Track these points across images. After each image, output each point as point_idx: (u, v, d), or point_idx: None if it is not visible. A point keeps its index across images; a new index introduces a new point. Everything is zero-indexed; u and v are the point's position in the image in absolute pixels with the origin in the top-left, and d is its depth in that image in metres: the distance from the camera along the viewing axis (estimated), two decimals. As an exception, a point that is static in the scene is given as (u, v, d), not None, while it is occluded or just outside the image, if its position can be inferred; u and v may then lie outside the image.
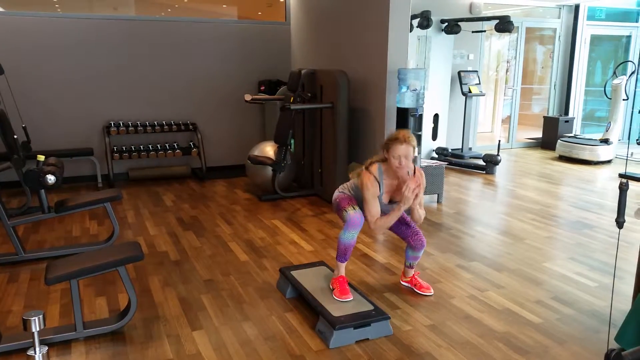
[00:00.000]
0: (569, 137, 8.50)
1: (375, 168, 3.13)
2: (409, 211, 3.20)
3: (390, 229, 3.31)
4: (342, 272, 3.26)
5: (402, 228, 3.37)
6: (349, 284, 3.28)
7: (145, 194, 6.14)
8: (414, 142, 3.05)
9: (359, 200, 3.22)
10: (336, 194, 3.36)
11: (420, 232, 3.38)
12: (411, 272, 3.51)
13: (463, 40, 7.99)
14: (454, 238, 4.59)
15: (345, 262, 3.26)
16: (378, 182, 3.11)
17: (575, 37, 9.18)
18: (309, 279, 3.36)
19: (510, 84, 9.41)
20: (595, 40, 9.67)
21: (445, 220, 5.10)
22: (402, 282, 3.58)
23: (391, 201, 3.21)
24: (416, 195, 3.04)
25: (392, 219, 3.12)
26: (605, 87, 8.29)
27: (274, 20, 7.62)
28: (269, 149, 5.94)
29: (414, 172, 3.10)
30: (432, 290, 3.45)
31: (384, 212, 3.17)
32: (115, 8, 7.38)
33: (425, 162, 5.68)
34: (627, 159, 8.28)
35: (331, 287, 3.23)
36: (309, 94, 5.86)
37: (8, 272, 3.81)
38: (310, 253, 4.21)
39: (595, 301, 3.37)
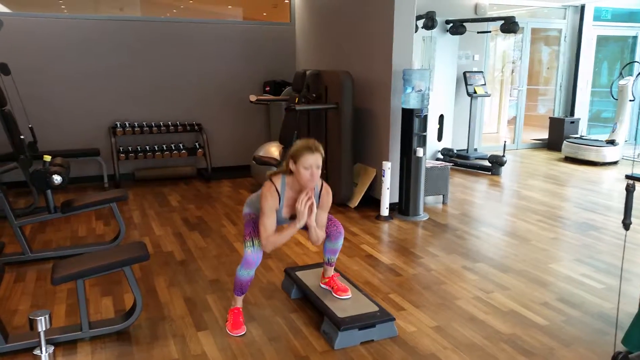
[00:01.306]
0: (575, 138, 8.47)
1: (278, 179, 2.86)
2: (307, 228, 2.90)
3: (305, 227, 2.93)
4: (239, 304, 3.04)
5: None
6: (353, 284, 3.28)
7: (151, 194, 6.16)
8: (322, 151, 2.83)
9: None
10: (244, 209, 3.11)
11: (336, 220, 3.15)
12: (330, 271, 3.25)
13: (468, 40, 7.97)
14: (459, 239, 4.58)
15: (242, 296, 3.01)
16: (279, 194, 2.83)
17: (581, 38, 9.15)
18: (313, 280, 3.36)
19: (516, 84, 9.38)
20: (602, 40, 9.63)
21: (451, 221, 5.09)
22: (320, 285, 3.29)
23: (292, 217, 2.91)
24: (310, 211, 2.79)
25: (285, 236, 2.83)
26: (611, 88, 8.26)
27: (279, 21, 7.62)
28: (274, 150, 5.95)
29: (321, 189, 2.91)
30: (349, 293, 3.14)
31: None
32: (121, 9, 7.41)
33: (430, 163, 5.67)
34: (633, 160, 8.24)
35: (227, 318, 3.05)
36: (314, 95, 5.86)
37: (15, 272, 3.83)
38: (315, 254, 4.21)
39: (602, 303, 3.36)
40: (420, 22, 7.19)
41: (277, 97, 6.77)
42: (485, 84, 8.01)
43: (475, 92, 7.80)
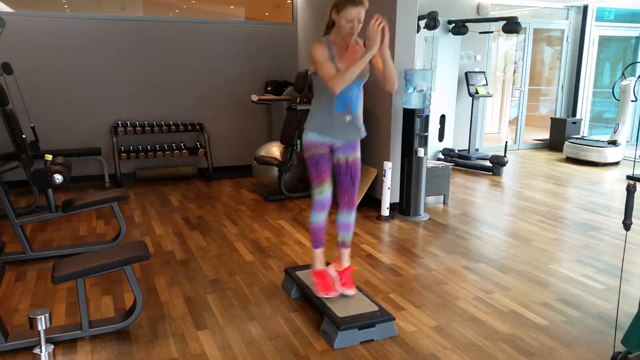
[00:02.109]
0: (577, 138, 8.46)
1: (322, 38, 2.89)
2: (383, 63, 2.79)
3: (334, 178, 3.01)
4: (319, 263, 3.09)
5: (345, 176, 3.07)
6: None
7: (152, 193, 6.16)
8: (367, 3, 2.74)
9: (323, 110, 2.90)
10: (304, 135, 3.01)
11: (356, 194, 3.12)
12: (346, 256, 3.22)
13: (470, 41, 7.97)
14: (460, 239, 4.58)
15: (319, 249, 3.06)
16: (328, 47, 2.83)
17: (584, 38, 9.14)
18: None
19: (518, 85, 9.38)
20: (604, 41, 9.61)
21: (451, 222, 5.09)
22: (329, 270, 3.20)
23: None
24: (383, 35, 2.69)
25: (356, 68, 2.70)
26: (613, 89, 8.25)
27: (281, 21, 7.62)
28: (275, 150, 5.95)
29: (364, 42, 2.78)
30: (354, 291, 3.12)
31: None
32: (123, 8, 7.42)
33: (431, 163, 5.67)
34: (635, 161, 8.22)
35: (313, 281, 3.06)
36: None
37: (15, 271, 3.84)
38: (315, 253, 4.21)
39: (602, 304, 3.35)
40: (423, 22, 7.19)
41: (279, 97, 6.77)
42: (487, 84, 8.01)
43: (476, 93, 7.80)
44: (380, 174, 5.32)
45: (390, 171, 5.07)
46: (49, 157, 4.11)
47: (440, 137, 7.69)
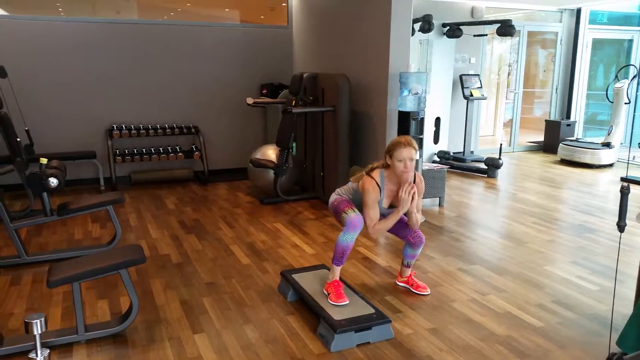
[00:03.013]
0: (571, 140, 8.50)
1: (377, 173, 3.20)
2: (407, 214, 3.28)
3: (390, 230, 3.35)
4: (337, 275, 3.26)
5: (400, 228, 3.41)
6: (349, 286, 3.29)
7: (148, 197, 6.15)
8: (416, 146, 3.14)
9: (358, 204, 3.26)
10: (333, 197, 3.40)
11: (419, 230, 3.43)
12: (408, 271, 3.56)
13: (465, 44, 8.00)
14: (455, 241, 4.59)
15: (341, 266, 3.26)
16: (379, 187, 3.17)
17: (577, 41, 9.19)
18: (310, 282, 3.36)
19: (512, 87, 9.41)
20: (597, 44, 9.67)
21: (447, 224, 5.10)
22: (398, 283, 3.63)
23: (391, 206, 3.28)
24: (413, 198, 3.14)
25: (390, 222, 3.20)
26: (607, 91, 8.29)
27: (276, 24, 7.64)
28: (271, 152, 5.96)
29: (414, 179, 3.20)
30: (428, 290, 3.50)
31: (383, 216, 3.24)
32: (118, 12, 7.40)
33: (426, 166, 5.69)
34: (628, 163, 8.27)
35: (325, 291, 3.22)
36: (311, 98, 5.87)
37: (10, 275, 3.82)
38: (311, 256, 4.22)
39: (597, 305, 3.37)
40: (417, 25, 7.21)
41: (274, 99, 6.78)
42: (481, 87, 8.04)
43: (471, 95, 7.83)
44: (375, 177, 5.33)
45: (386, 174, 5.07)
46: (44, 160, 4.11)
47: (436, 140, 7.71)
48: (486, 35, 8.29)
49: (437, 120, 7.63)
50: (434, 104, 7.45)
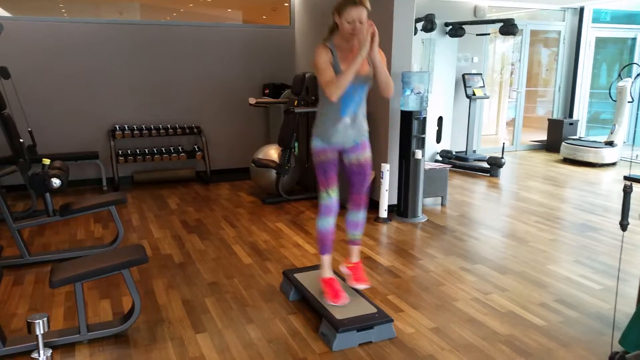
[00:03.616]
0: (574, 139, 8.48)
1: (327, 40, 2.89)
2: (375, 73, 2.85)
3: (346, 172, 3.04)
4: (328, 270, 3.10)
5: (356, 176, 3.12)
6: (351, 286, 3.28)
7: (150, 197, 6.16)
8: (369, 5, 2.77)
9: (325, 117, 2.94)
10: (312, 142, 3.06)
11: (365, 193, 3.17)
12: (356, 252, 3.26)
13: (467, 43, 7.98)
14: (457, 241, 4.58)
15: (328, 255, 3.08)
16: (331, 50, 2.85)
17: (580, 40, 9.16)
18: (312, 282, 3.36)
19: (515, 86, 9.40)
20: (600, 42, 9.64)
21: (449, 223, 5.09)
22: (341, 268, 3.32)
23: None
24: (373, 38, 2.74)
25: (349, 73, 2.73)
26: (610, 90, 8.27)
27: (279, 24, 7.64)
28: (273, 152, 5.96)
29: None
30: (367, 284, 3.20)
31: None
32: (121, 13, 7.42)
33: (429, 165, 5.68)
34: (631, 162, 8.24)
35: (323, 289, 3.10)
36: (313, 97, 5.87)
37: (13, 275, 3.83)
38: (313, 256, 4.22)
39: (600, 304, 3.36)
40: (420, 25, 7.21)
41: (276, 99, 6.78)
42: (484, 86, 8.03)
43: (474, 94, 7.82)
44: (378, 176, 5.33)
45: (388, 173, 5.07)
46: (46, 161, 4.11)
47: (438, 139, 7.70)
48: (489, 34, 8.27)
49: (440, 119, 7.62)
50: (437, 103, 7.44)
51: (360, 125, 3.05)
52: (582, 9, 9.05)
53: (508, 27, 7.00)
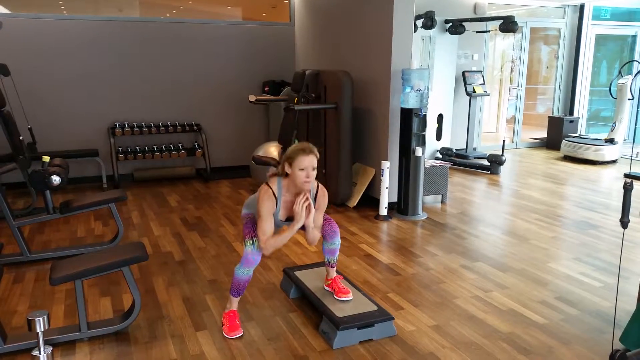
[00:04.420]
0: (574, 137, 8.48)
1: (274, 182, 2.87)
2: (305, 229, 2.90)
3: (302, 228, 2.93)
4: (234, 306, 3.03)
5: (316, 215, 3.02)
6: (352, 283, 3.28)
7: (150, 194, 6.16)
8: (317, 154, 2.82)
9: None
10: (243, 210, 3.14)
11: (331, 219, 3.15)
12: (332, 272, 3.24)
13: (467, 40, 7.98)
14: (458, 238, 4.58)
15: (239, 297, 3.00)
16: (276, 197, 2.85)
17: (580, 37, 9.15)
18: (312, 280, 3.36)
19: (515, 84, 9.39)
20: (601, 39, 9.63)
21: (450, 221, 5.09)
22: (324, 287, 3.27)
23: (288, 219, 2.94)
24: (308, 212, 2.81)
25: (283, 238, 2.83)
26: (610, 87, 8.26)
27: (278, 21, 7.63)
28: (273, 150, 5.95)
29: (316, 190, 2.93)
30: (350, 295, 3.11)
31: (279, 229, 2.96)
32: (120, 10, 7.40)
33: (429, 162, 5.68)
34: (632, 159, 8.24)
35: (222, 322, 3.04)
36: (313, 95, 5.86)
37: (13, 273, 3.83)
38: (313, 253, 4.22)
39: (600, 301, 3.36)
40: (420, 22, 7.20)
41: (276, 97, 6.77)
42: (484, 84, 8.02)
43: (474, 92, 7.81)
44: (378, 174, 5.33)
45: (388, 171, 5.07)
46: (46, 158, 4.11)
47: (438, 137, 7.69)
48: (489, 31, 8.26)
49: (440, 117, 7.62)
50: (437, 100, 7.44)
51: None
52: (582, 6, 9.04)
53: (508, 25, 6.99)
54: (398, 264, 3.98)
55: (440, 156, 7.70)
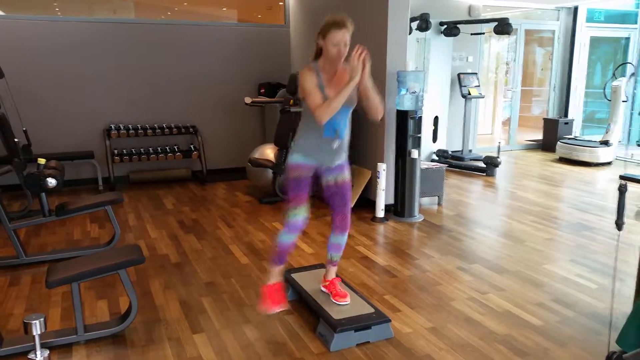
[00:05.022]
0: (569, 139, 8.51)
1: (311, 64, 2.86)
2: (365, 99, 2.82)
3: (325, 194, 2.96)
4: (278, 277, 3.02)
5: (335, 197, 3.04)
6: (349, 286, 3.28)
7: (146, 196, 6.15)
8: (352, 26, 2.73)
9: (307, 132, 2.91)
10: (290, 157, 2.99)
11: (349, 215, 3.09)
12: (332, 272, 3.20)
13: (462, 42, 8.00)
14: (454, 240, 4.59)
15: (281, 267, 3.01)
16: (317, 74, 2.81)
17: (574, 39, 9.20)
18: (309, 282, 3.36)
19: (510, 86, 9.42)
20: (595, 42, 9.68)
21: (446, 223, 5.10)
22: (321, 288, 3.24)
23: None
24: (364, 64, 2.69)
25: (340, 98, 2.69)
26: (604, 89, 8.30)
27: (274, 23, 7.63)
28: (269, 152, 5.95)
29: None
30: (348, 300, 3.07)
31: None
32: (115, 11, 7.40)
33: (425, 164, 5.69)
34: (626, 161, 8.28)
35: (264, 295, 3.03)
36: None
37: (9, 276, 3.81)
38: (310, 255, 4.22)
39: (596, 303, 3.37)
40: (414, 24, 7.21)
41: (272, 99, 6.78)
42: (479, 86, 8.05)
43: (469, 94, 7.83)
44: (374, 176, 5.34)
45: (385, 173, 5.08)
46: (42, 160, 4.10)
47: (434, 139, 7.71)
48: (483, 33, 8.29)
49: (436, 119, 7.63)
50: (432, 102, 7.45)
51: (342, 147, 3.00)
52: (576, 9, 9.08)
53: (502, 27, 7.02)
54: (394, 266, 3.99)
55: (436, 158, 7.72)
